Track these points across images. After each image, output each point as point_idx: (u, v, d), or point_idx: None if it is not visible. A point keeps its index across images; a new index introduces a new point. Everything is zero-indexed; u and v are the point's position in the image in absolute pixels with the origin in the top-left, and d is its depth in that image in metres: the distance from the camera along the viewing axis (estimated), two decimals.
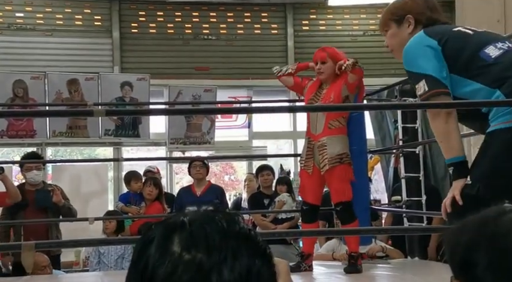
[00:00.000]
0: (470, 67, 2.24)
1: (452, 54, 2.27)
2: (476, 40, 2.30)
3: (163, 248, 0.80)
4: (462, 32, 2.35)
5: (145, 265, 0.80)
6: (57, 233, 5.04)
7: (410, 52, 2.35)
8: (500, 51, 2.23)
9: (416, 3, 2.48)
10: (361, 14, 8.56)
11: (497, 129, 2.17)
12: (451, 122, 2.23)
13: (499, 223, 0.86)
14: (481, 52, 2.24)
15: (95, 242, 4.24)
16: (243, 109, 8.92)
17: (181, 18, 8.30)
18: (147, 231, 0.85)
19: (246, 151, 8.09)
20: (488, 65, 2.21)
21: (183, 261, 0.78)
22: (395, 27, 2.52)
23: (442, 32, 2.35)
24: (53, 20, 7.99)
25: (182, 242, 0.80)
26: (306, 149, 3.98)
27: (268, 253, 0.84)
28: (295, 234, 4.44)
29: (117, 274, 4.51)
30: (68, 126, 7.12)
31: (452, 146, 2.24)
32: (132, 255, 0.84)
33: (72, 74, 7.25)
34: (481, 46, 2.25)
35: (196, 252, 0.78)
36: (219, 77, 8.04)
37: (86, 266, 5.96)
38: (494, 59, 2.21)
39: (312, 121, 3.94)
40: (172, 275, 0.77)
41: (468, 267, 0.85)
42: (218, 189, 5.60)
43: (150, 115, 7.57)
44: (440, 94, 2.23)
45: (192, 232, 0.81)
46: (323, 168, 3.85)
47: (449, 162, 2.25)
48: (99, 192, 7.20)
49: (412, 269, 4.33)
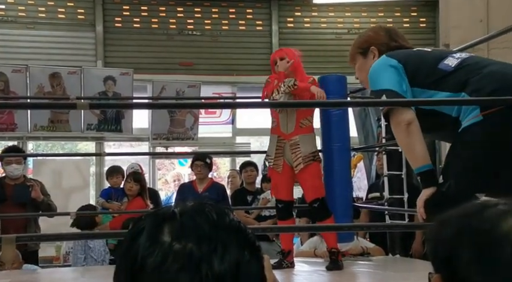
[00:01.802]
0: (432, 79, 2.31)
1: (413, 69, 2.34)
2: (434, 55, 2.39)
3: (153, 238, 0.79)
4: (421, 51, 2.45)
5: (135, 255, 0.79)
6: (36, 229, 4.97)
7: (372, 73, 2.43)
8: (458, 60, 2.30)
9: (378, 34, 2.58)
10: (346, 12, 8.58)
11: (467, 125, 2.21)
12: (412, 133, 2.26)
13: (482, 217, 0.86)
14: (440, 64, 2.31)
15: (76, 236, 4.20)
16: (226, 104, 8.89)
17: (166, 13, 8.26)
18: (137, 222, 0.84)
19: (229, 147, 8.08)
20: (449, 73, 2.28)
21: (173, 251, 0.77)
22: (361, 59, 2.61)
23: (402, 52, 2.44)
24: (35, 13, 7.90)
25: (172, 232, 0.79)
26: (275, 147, 3.98)
27: (257, 246, 0.84)
28: (277, 230, 4.44)
29: (100, 269, 4.48)
30: (50, 120, 7.05)
31: (417, 156, 2.28)
32: (122, 245, 0.83)
33: (54, 68, 7.18)
34: (440, 58, 2.33)
35: (187, 242, 0.78)
36: (203, 73, 8.01)
37: (67, 261, 5.91)
38: (453, 68, 2.28)
39: (282, 120, 3.94)
40: (162, 264, 0.77)
41: (451, 262, 0.85)
42: (220, 187, 5.63)
43: (134, 109, 7.53)
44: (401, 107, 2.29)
45: (182, 222, 0.80)
46: (297, 167, 3.87)
47: (417, 172, 2.30)
48: (81, 187, 7.15)
49: (394, 266, 4.36)
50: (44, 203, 4.95)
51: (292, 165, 3.90)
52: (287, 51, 4.05)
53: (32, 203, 4.93)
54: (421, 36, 8.46)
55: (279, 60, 3.97)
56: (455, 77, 2.26)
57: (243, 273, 0.79)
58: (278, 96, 3.87)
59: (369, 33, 2.62)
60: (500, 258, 0.81)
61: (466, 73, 2.25)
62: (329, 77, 4.42)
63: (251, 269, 0.80)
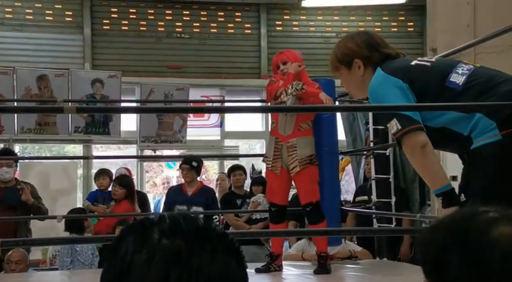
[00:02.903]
0: (442, 98, 2.24)
1: (420, 89, 2.27)
2: (437, 71, 2.31)
3: (142, 236, 0.80)
4: (421, 66, 2.34)
5: (124, 253, 0.79)
6: (26, 232, 4.95)
7: (377, 94, 2.34)
8: (464, 76, 2.24)
9: (358, 46, 2.45)
10: (334, 15, 8.61)
11: (484, 143, 2.17)
12: (428, 154, 2.22)
13: (472, 223, 0.87)
14: (447, 81, 2.25)
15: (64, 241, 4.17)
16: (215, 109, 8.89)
17: (154, 16, 8.24)
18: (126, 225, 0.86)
19: (217, 150, 8.08)
20: (459, 92, 2.22)
21: (161, 247, 0.77)
22: (346, 71, 2.50)
23: (401, 69, 2.34)
24: (22, 15, 7.86)
25: (162, 230, 0.80)
26: (273, 149, 3.97)
27: (241, 253, 0.85)
28: (266, 234, 4.44)
29: (87, 273, 4.45)
30: (37, 122, 7.01)
31: (436, 177, 2.24)
32: (111, 245, 0.83)
33: (42, 70, 7.13)
34: (445, 75, 2.26)
35: (175, 238, 0.78)
36: (192, 76, 8.00)
37: (54, 264, 5.86)
38: (462, 86, 2.23)
39: (281, 122, 3.94)
40: (151, 260, 0.76)
41: (440, 267, 0.86)
42: (210, 191, 5.61)
43: (122, 113, 7.50)
44: (413, 130, 2.22)
45: (170, 223, 0.81)
46: (293, 169, 3.86)
47: (437, 192, 2.25)
48: (68, 190, 7.10)
49: (381, 270, 4.37)
50: (35, 206, 4.93)
51: (289, 168, 3.90)
52: (288, 55, 4.02)
53: (22, 206, 4.90)
54: (408, 40, 8.51)
55: (282, 65, 3.97)
56: (468, 96, 2.19)
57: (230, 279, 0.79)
58: (286, 98, 3.87)
59: (349, 45, 2.48)
60: (489, 264, 0.81)
61: (478, 94, 2.19)
62: (317, 81, 4.42)
63: (235, 275, 0.81)
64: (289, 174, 3.91)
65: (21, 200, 4.86)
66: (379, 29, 8.53)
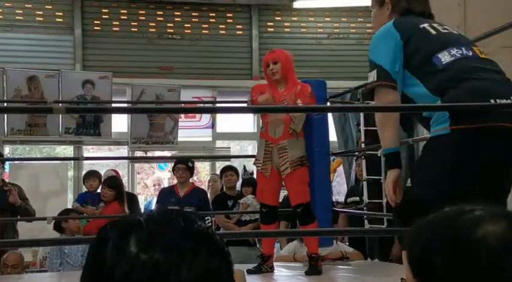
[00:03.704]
0: (421, 69, 2.32)
1: (410, 52, 2.35)
2: (434, 42, 2.36)
3: (119, 248, 0.78)
4: (426, 31, 2.40)
5: (101, 266, 0.78)
6: (13, 234, 4.91)
7: (374, 41, 2.46)
8: (452, 58, 2.28)
9: None
10: (326, 17, 8.62)
11: (435, 135, 2.24)
12: (390, 115, 2.35)
13: (457, 223, 0.86)
14: (433, 57, 2.30)
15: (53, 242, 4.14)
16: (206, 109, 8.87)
17: (145, 17, 8.22)
18: (102, 231, 0.83)
19: (209, 152, 8.06)
20: (437, 71, 2.28)
21: (140, 262, 0.76)
22: (377, 8, 2.63)
23: (408, 27, 2.41)
24: (12, 15, 7.81)
25: (139, 242, 0.78)
26: (263, 151, 3.96)
27: (226, 251, 0.83)
28: (257, 235, 4.44)
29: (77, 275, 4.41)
30: (27, 123, 6.97)
31: (388, 138, 2.36)
32: (87, 256, 0.82)
33: (32, 71, 7.09)
34: (436, 50, 2.32)
35: (154, 252, 0.77)
36: (183, 77, 7.98)
37: (44, 266, 5.83)
38: (444, 65, 2.27)
39: (271, 124, 3.93)
40: (130, 275, 0.76)
41: (426, 267, 0.86)
42: (202, 192, 5.63)
43: (112, 113, 7.47)
44: (385, 86, 2.33)
45: (148, 232, 0.79)
46: (284, 171, 3.86)
47: (384, 152, 2.40)
48: (59, 192, 7.06)
49: (372, 271, 4.37)
50: (22, 207, 4.89)
51: (280, 169, 3.90)
52: (279, 55, 4.01)
53: (9, 208, 4.86)
54: None
55: (272, 64, 3.96)
56: (441, 78, 2.26)
57: (212, 280, 0.78)
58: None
59: None
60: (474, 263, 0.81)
61: (448, 79, 2.24)
62: (308, 82, 4.42)
63: (220, 276, 0.80)
64: (279, 175, 3.91)
65: (8, 202, 4.82)
66: (371, 30, 8.53)
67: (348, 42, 8.49)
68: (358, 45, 8.36)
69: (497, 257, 0.80)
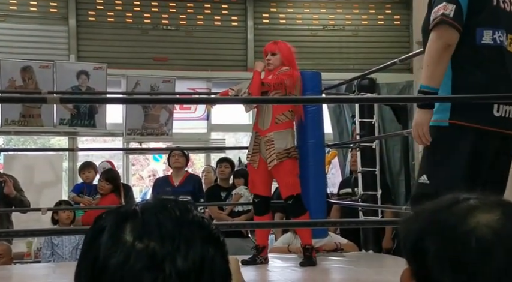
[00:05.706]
0: (463, 37, 2.25)
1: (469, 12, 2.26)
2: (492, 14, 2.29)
3: (115, 237, 0.78)
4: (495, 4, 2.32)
5: (97, 255, 0.78)
6: (8, 225, 4.91)
7: None
8: (491, 42, 2.26)
9: None
10: (321, 8, 8.60)
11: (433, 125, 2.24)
12: (445, 54, 2.23)
13: (450, 212, 0.87)
14: (478, 30, 2.26)
15: (46, 232, 4.14)
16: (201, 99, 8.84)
17: (140, 8, 8.17)
18: (97, 220, 0.83)
19: (204, 143, 8.05)
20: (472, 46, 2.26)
21: (135, 250, 0.76)
22: None
23: None
24: (6, 5, 7.75)
25: (134, 230, 0.78)
26: (253, 143, 4.00)
27: (221, 241, 0.84)
28: (251, 226, 4.45)
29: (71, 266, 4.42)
30: (21, 114, 6.94)
31: (437, 75, 2.25)
32: (83, 245, 0.82)
33: (26, 62, 7.06)
34: (486, 25, 2.27)
35: (149, 240, 0.77)
36: (178, 68, 7.96)
37: (38, 257, 5.83)
38: (479, 45, 2.25)
39: (261, 115, 3.96)
40: (125, 264, 0.76)
41: (418, 255, 0.86)
42: (196, 179, 5.67)
43: (107, 103, 7.45)
44: (454, 27, 2.22)
45: (144, 221, 0.80)
46: (270, 163, 3.87)
47: (422, 88, 2.27)
48: (53, 183, 7.05)
49: (367, 262, 4.39)
50: (17, 198, 4.89)
51: (267, 161, 3.91)
52: (280, 47, 4.02)
53: (4, 199, 4.85)
54: (395, 33, 8.53)
55: (270, 55, 3.98)
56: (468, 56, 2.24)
57: (208, 269, 0.79)
58: None
59: None
60: (465, 253, 0.81)
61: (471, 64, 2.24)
62: (304, 73, 4.42)
63: (216, 265, 0.80)
64: (268, 167, 3.92)
65: (3, 193, 4.81)
66: (366, 22, 8.53)
67: (343, 33, 8.48)
68: (354, 37, 8.35)
69: (487, 247, 0.81)
